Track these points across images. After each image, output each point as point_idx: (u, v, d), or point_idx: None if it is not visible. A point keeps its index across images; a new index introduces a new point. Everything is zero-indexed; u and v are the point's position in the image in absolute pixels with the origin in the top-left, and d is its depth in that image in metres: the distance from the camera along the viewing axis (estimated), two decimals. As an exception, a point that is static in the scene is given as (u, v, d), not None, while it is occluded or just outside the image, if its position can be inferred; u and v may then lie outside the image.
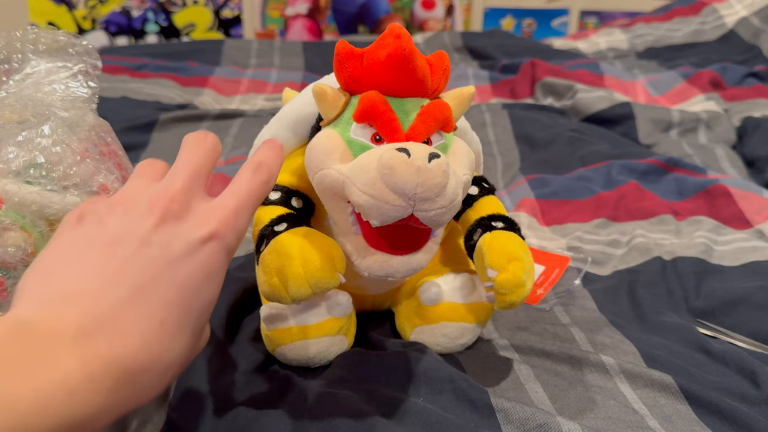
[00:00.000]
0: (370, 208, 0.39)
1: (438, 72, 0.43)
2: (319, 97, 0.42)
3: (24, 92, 0.50)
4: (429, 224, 0.40)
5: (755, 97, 1.16)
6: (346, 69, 0.42)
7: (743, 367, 0.49)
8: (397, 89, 0.42)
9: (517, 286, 0.44)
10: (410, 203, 0.38)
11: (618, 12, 1.89)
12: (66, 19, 1.78)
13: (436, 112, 0.42)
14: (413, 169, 0.37)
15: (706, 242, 0.69)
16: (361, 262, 0.43)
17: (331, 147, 0.41)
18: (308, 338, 0.47)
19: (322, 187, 0.42)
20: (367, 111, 0.41)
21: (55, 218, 0.44)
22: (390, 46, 0.39)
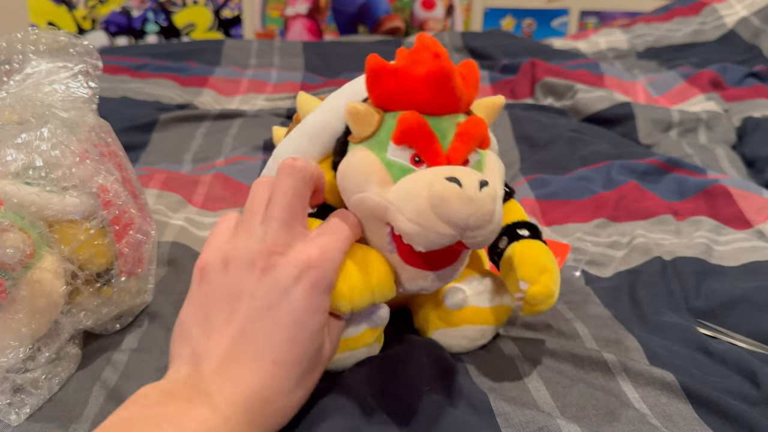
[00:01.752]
0: (417, 237, 0.38)
1: (471, 85, 0.43)
2: (353, 116, 0.41)
3: (24, 92, 0.50)
4: (473, 248, 0.40)
5: (755, 97, 1.16)
6: (380, 85, 0.41)
7: (743, 367, 0.49)
8: (433, 108, 0.41)
9: (547, 297, 0.45)
10: (459, 232, 0.38)
11: (618, 12, 1.89)
12: (66, 19, 1.78)
13: (474, 130, 0.41)
14: (465, 200, 0.37)
15: (706, 242, 0.69)
16: (397, 277, 0.43)
17: (368, 169, 0.41)
18: (349, 350, 0.46)
19: (361, 210, 0.42)
20: (407, 133, 0.40)
21: (54, 219, 0.44)
22: (429, 64, 0.39)
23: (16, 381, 0.43)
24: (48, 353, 0.45)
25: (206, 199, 0.77)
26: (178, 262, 0.61)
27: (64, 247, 0.45)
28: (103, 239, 0.47)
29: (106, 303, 0.49)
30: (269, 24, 1.87)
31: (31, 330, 0.43)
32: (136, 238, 0.49)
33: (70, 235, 0.45)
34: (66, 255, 0.45)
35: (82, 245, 0.46)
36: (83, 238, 0.45)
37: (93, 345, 0.49)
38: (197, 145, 0.97)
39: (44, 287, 0.43)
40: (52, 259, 0.44)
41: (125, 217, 0.48)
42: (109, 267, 0.48)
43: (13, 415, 0.41)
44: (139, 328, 0.52)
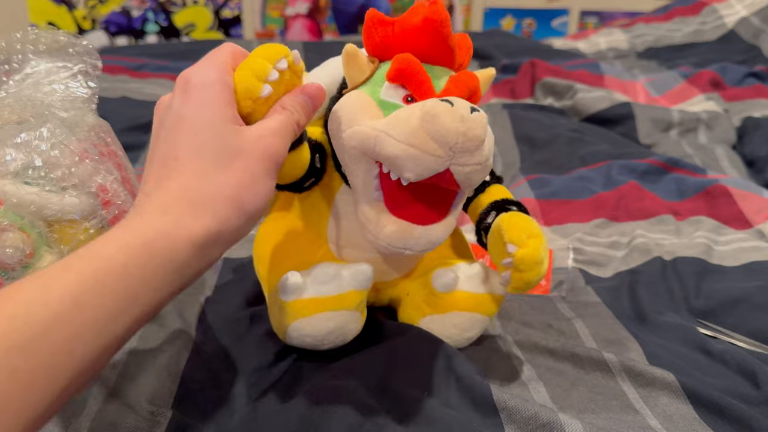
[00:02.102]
0: (407, 159, 0.38)
1: (463, 49, 0.43)
2: (351, 58, 0.42)
3: (24, 92, 0.50)
4: (462, 183, 0.39)
5: (755, 97, 1.16)
6: (376, 34, 0.42)
7: (743, 367, 0.49)
8: (428, 55, 0.41)
9: (536, 263, 0.44)
10: (449, 154, 0.38)
11: (618, 12, 1.89)
12: (66, 19, 1.78)
13: (466, 79, 0.42)
14: (457, 117, 0.37)
15: (706, 242, 0.69)
16: (379, 231, 0.42)
17: (362, 105, 0.41)
18: (330, 310, 0.45)
19: (351, 144, 0.41)
20: (401, 71, 0.40)
21: (54, 219, 0.44)
22: (426, 11, 0.39)
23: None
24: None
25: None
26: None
27: (64, 247, 0.45)
28: (102, 239, 0.46)
29: (106, 303, 0.48)
30: (269, 24, 1.87)
31: (30, 330, 0.43)
32: (136, 238, 0.49)
33: (70, 235, 0.45)
34: (65, 255, 0.45)
35: (81, 245, 0.45)
36: (83, 237, 0.45)
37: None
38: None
39: (44, 287, 0.43)
40: (52, 259, 0.44)
41: (124, 216, 0.48)
42: (109, 267, 0.48)
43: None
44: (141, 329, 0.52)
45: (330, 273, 0.45)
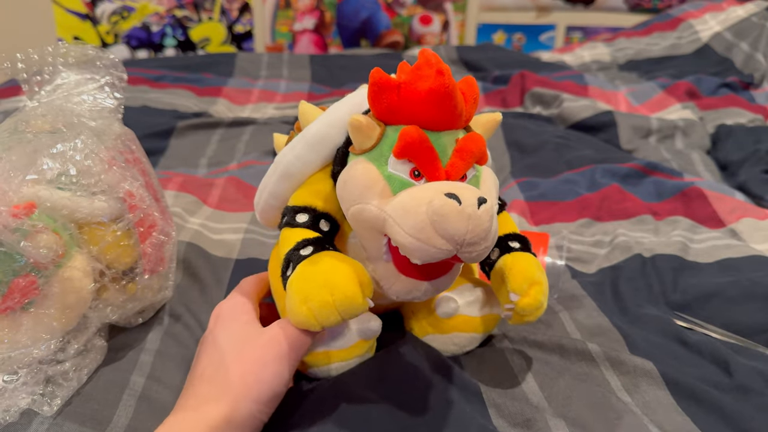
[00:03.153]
0: (415, 250, 0.37)
1: (470, 101, 0.41)
2: (356, 129, 0.40)
3: (55, 102, 0.50)
4: (468, 262, 0.39)
5: (728, 106, 1.16)
6: (382, 100, 0.39)
7: (717, 356, 0.50)
8: (434, 123, 0.39)
9: (536, 309, 0.44)
10: (457, 248, 0.36)
11: (601, 27, 1.88)
12: (90, 33, 1.78)
13: (472, 147, 0.40)
14: (464, 216, 0.36)
15: (682, 240, 0.69)
16: (389, 287, 0.41)
17: (369, 182, 0.39)
18: (340, 361, 0.45)
19: (359, 220, 0.40)
20: (408, 147, 0.38)
21: (84, 221, 0.44)
22: (431, 81, 0.37)
23: (48, 372, 0.43)
24: (77, 345, 0.45)
25: (220, 200, 0.77)
26: (192, 263, 0.61)
27: (93, 248, 0.45)
28: (128, 240, 0.47)
29: (131, 299, 0.49)
30: (278, 38, 1.87)
31: (61, 324, 0.43)
32: (159, 238, 0.49)
33: (99, 237, 0.45)
34: (94, 254, 0.45)
35: (109, 245, 0.46)
36: (110, 239, 0.45)
37: (118, 338, 0.49)
38: (212, 151, 0.97)
39: (74, 284, 0.43)
40: (82, 259, 0.44)
41: (149, 219, 0.48)
42: (134, 266, 0.48)
43: (45, 406, 0.41)
44: (160, 325, 0.52)
45: (339, 330, 0.45)
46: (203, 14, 1.81)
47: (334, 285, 0.38)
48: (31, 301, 0.41)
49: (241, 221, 0.72)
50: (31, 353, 0.42)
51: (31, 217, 0.41)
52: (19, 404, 0.41)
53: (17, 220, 0.39)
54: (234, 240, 0.68)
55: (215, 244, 0.66)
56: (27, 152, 0.41)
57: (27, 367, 0.42)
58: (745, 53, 1.37)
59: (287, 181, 0.45)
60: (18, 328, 0.42)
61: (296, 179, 0.45)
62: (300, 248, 0.41)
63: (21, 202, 0.41)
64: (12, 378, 0.42)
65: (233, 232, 0.70)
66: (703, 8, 1.56)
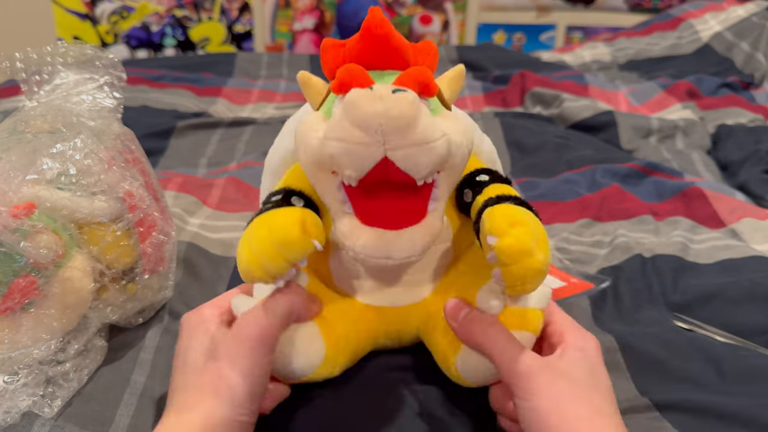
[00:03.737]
0: (341, 155, 0.34)
1: (422, 52, 0.39)
2: (305, 84, 0.39)
3: (54, 102, 0.50)
4: (408, 170, 0.35)
5: (728, 106, 1.16)
6: (329, 57, 0.39)
7: (717, 357, 0.50)
8: (375, 61, 0.38)
9: (522, 253, 0.35)
10: (378, 139, 0.33)
11: (601, 27, 1.89)
12: (90, 33, 1.78)
13: (414, 73, 0.36)
14: (375, 98, 0.33)
15: (683, 241, 0.69)
16: (355, 242, 0.37)
17: (312, 125, 0.37)
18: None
19: (308, 160, 0.37)
20: (343, 79, 0.36)
21: (84, 222, 0.44)
22: (364, 22, 0.37)
23: (48, 373, 0.43)
24: (77, 346, 0.45)
25: (220, 200, 0.77)
26: (192, 261, 0.61)
27: (93, 248, 0.45)
28: (128, 240, 0.47)
29: (131, 299, 0.49)
30: (278, 38, 1.87)
31: (61, 324, 0.43)
32: (158, 238, 0.49)
33: (98, 237, 0.45)
34: (94, 255, 0.45)
35: (109, 246, 0.46)
36: (110, 239, 0.45)
37: (118, 338, 0.50)
38: (212, 151, 0.97)
39: (74, 284, 0.43)
40: (82, 259, 0.44)
41: (148, 219, 0.48)
42: (134, 266, 0.48)
43: (46, 408, 0.41)
44: (160, 323, 0.52)
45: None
46: (203, 14, 1.81)
47: (272, 224, 0.36)
48: (31, 302, 0.41)
49: (242, 221, 0.72)
50: (31, 354, 0.42)
51: (31, 218, 0.41)
52: (19, 405, 0.41)
53: (17, 221, 0.40)
54: (234, 239, 0.68)
55: (215, 244, 0.66)
56: (26, 152, 0.41)
57: (27, 368, 0.42)
58: (745, 53, 1.37)
59: (271, 175, 0.47)
60: (18, 329, 0.42)
61: (280, 172, 0.46)
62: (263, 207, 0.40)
63: (21, 202, 0.41)
64: (12, 379, 0.42)
65: (233, 230, 0.70)
66: (704, 8, 1.56)
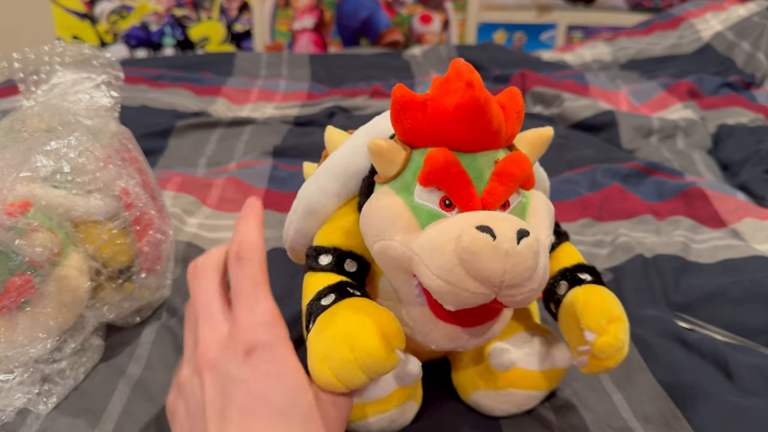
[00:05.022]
0: (445, 294, 0.31)
1: (512, 116, 0.35)
2: (376, 154, 0.34)
3: (51, 102, 0.50)
4: (512, 306, 0.33)
5: (729, 105, 1.15)
6: (406, 119, 0.34)
7: (718, 357, 0.50)
8: (467, 144, 0.33)
9: (617, 350, 0.37)
10: (495, 290, 0.31)
11: (602, 27, 1.88)
12: (89, 33, 1.78)
13: (515, 170, 0.33)
14: (500, 254, 0.30)
15: (684, 241, 0.69)
16: (427, 335, 0.36)
17: (392, 214, 0.33)
18: (378, 414, 0.39)
19: (384, 259, 0.35)
20: (434, 173, 0.32)
21: (80, 220, 0.44)
22: (459, 95, 0.32)
23: (44, 371, 0.43)
24: (73, 344, 0.45)
25: (219, 200, 0.77)
26: (190, 259, 0.61)
27: (89, 246, 0.45)
28: (125, 239, 0.47)
29: (128, 298, 0.49)
30: (278, 37, 1.87)
31: (57, 323, 0.43)
32: (155, 237, 0.49)
33: (95, 235, 0.45)
34: (90, 253, 0.45)
35: (105, 244, 0.46)
36: (106, 237, 0.45)
37: (115, 337, 0.50)
38: (211, 150, 0.97)
39: (70, 283, 0.43)
40: (78, 257, 0.44)
41: (145, 218, 0.48)
42: (131, 264, 0.48)
43: (41, 405, 0.41)
44: (157, 320, 0.52)
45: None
46: (202, 13, 1.81)
47: (353, 340, 0.32)
48: (28, 301, 0.41)
49: (240, 221, 0.72)
50: (27, 352, 0.42)
51: (27, 216, 0.41)
52: (14, 404, 0.41)
53: (12, 219, 0.39)
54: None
55: (214, 243, 0.66)
56: (21, 150, 0.41)
57: (23, 366, 0.42)
58: (746, 53, 1.37)
59: (312, 216, 0.41)
60: (14, 328, 0.41)
61: (321, 214, 0.40)
62: (321, 297, 0.36)
63: (16, 200, 0.41)
64: (8, 377, 0.42)
65: (232, 230, 0.70)
66: (704, 7, 1.56)
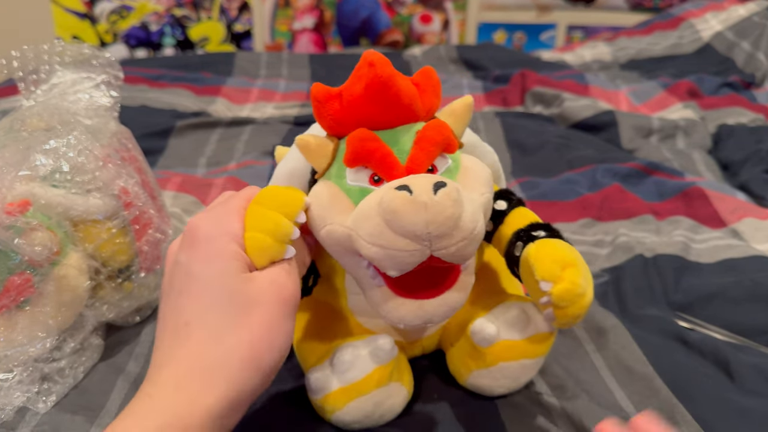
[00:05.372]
0: (383, 260, 0.33)
1: (427, 91, 0.37)
2: (304, 149, 0.37)
3: (51, 101, 0.50)
4: (453, 261, 0.34)
5: (729, 105, 1.15)
6: (326, 112, 0.36)
7: (718, 357, 0.50)
8: (385, 121, 0.35)
9: (577, 296, 0.36)
10: (425, 244, 0.32)
11: (602, 27, 1.88)
12: (89, 32, 1.78)
13: (433, 134, 0.35)
14: (419, 206, 0.31)
15: (684, 240, 0.69)
16: (392, 313, 0.36)
17: (328, 200, 0.35)
18: (360, 396, 0.39)
19: (330, 243, 0.36)
20: (356, 152, 0.34)
21: (79, 219, 0.44)
22: (365, 77, 0.33)
23: (44, 370, 0.43)
24: (73, 344, 0.45)
25: (219, 200, 0.77)
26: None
27: (88, 245, 0.45)
28: (124, 238, 0.47)
29: (127, 297, 0.49)
30: (278, 37, 1.87)
31: (57, 322, 0.43)
32: (155, 236, 0.49)
33: (94, 234, 0.45)
34: (90, 252, 0.45)
35: (104, 243, 0.46)
36: (106, 236, 0.45)
37: (115, 336, 0.50)
38: (211, 150, 0.97)
39: (70, 282, 0.43)
40: (77, 257, 0.44)
41: (144, 217, 0.48)
42: (130, 264, 0.48)
43: (40, 404, 0.41)
44: (156, 320, 0.52)
45: (348, 359, 0.40)
46: (202, 13, 1.81)
47: (261, 196, 0.36)
48: (27, 300, 0.41)
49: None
50: (27, 351, 0.42)
51: (26, 215, 0.41)
52: (14, 403, 0.41)
53: (11, 218, 0.39)
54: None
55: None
56: (20, 149, 0.41)
57: (22, 365, 0.42)
58: (746, 53, 1.37)
59: None
60: (14, 327, 0.42)
61: None
62: None
63: (15, 199, 0.41)
64: (7, 376, 0.42)
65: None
66: (704, 7, 1.56)
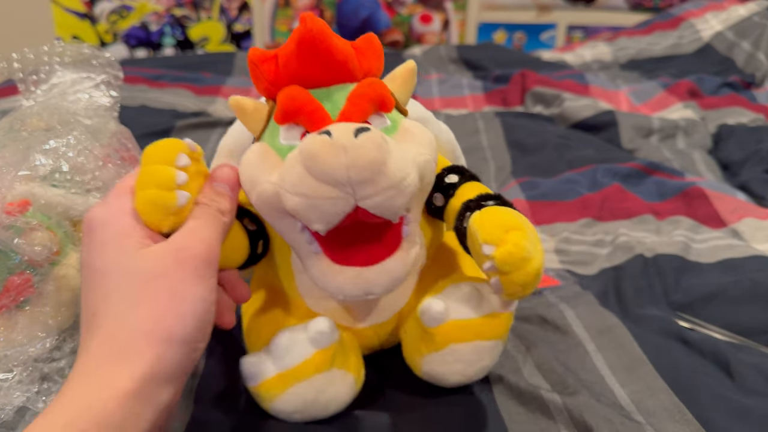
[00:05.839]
0: (306, 210, 0.31)
1: (368, 53, 0.36)
2: (239, 111, 0.36)
3: (50, 101, 0.50)
4: (382, 214, 0.32)
5: (730, 105, 1.15)
6: (263, 75, 0.35)
7: (719, 356, 0.50)
8: (318, 79, 0.34)
9: (522, 260, 0.33)
10: (348, 191, 0.30)
11: (602, 27, 1.89)
12: (89, 32, 1.78)
13: (368, 91, 0.34)
14: (339, 149, 0.30)
15: (684, 240, 0.69)
16: (330, 283, 0.34)
17: (259, 160, 0.34)
18: (299, 382, 0.37)
19: (262, 205, 0.34)
20: (286, 108, 0.33)
21: (79, 219, 0.44)
22: (297, 32, 0.32)
23: (44, 370, 0.43)
24: (73, 343, 0.45)
25: (219, 200, 0.77)
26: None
27: (88, 245, 0.45)
28: (124, 238, 0.47)
29: (127, 297, 0.48)
30: (278, 37, 1.87)
31: (57, 322, 0.43)
32: (155, 236, 0.49)
33: (94, 234, 0.45)
34: (90, 252, 0.45)
35: (104, 243, 0.46)
36: (105, 236, 0.45)
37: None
38: (211, 150, 0.97)
39: (69, 282, 0.43)
40: (77, 256, 0.44)
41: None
42: (130, 263, 0.48)
43: (40, 403, 0.41)
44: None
45: (285, 344, 0.37)
46: (202, 13, 1.81)
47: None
48: (27, 299, 0.41)
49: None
50: (26, 351, 0.42)
51: (26, 215, 0.41)
52: (13, 402, 0.41)
53: (11, 218, 0.40)
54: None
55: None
56: (20, 149, 0.41)
57: (22, 365, 0.42)
58: (746, 53, 1.37)
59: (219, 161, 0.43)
60: (13, 327, 0.42)
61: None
62: None
63: (15, 199, 0.41)
64: (7, 376, 0.42)
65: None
66: (705, 7, 1.56)
